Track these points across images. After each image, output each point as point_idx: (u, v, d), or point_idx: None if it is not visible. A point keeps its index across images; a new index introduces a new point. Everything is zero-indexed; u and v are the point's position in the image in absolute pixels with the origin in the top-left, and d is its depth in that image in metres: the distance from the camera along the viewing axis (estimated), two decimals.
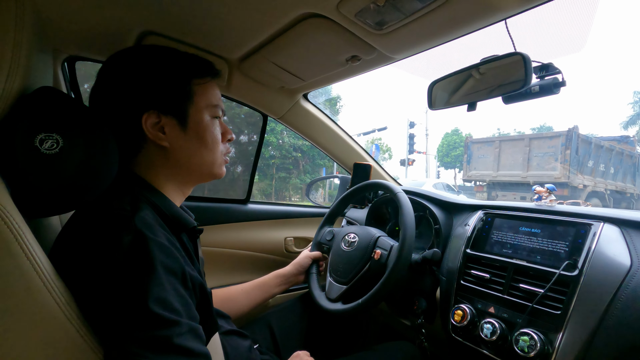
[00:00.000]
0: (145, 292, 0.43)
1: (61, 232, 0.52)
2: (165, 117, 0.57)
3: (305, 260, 1.09)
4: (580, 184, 8.23)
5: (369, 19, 0.68)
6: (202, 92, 0.61)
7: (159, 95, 0.56)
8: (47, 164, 0.45)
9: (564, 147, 7.99)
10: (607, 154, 9.13)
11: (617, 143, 9.89)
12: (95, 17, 0.75)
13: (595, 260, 0.71)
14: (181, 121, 0.58)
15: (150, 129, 0.56)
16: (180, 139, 0.59)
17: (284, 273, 1.07)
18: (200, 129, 0.60)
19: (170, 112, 0.57)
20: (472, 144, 9.82)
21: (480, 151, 9.64)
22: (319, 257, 1.10)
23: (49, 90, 0.50)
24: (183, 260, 0.51)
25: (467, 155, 9.87)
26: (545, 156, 8.40)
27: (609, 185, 9.26)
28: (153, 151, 0.58)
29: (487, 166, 9.36)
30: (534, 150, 8.56)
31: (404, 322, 1.12)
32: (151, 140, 0.57)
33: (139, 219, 0.48)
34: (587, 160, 8.51)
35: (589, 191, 8.54)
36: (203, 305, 0.54)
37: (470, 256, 0.91)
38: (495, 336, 0.76)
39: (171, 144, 0.58)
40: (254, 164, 1.48)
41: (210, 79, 0.63)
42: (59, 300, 0.42)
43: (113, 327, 0.43)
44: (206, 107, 0.61)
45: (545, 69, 0.70)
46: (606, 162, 9.12)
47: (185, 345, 0.44)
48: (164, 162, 0.59)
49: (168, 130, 0.57)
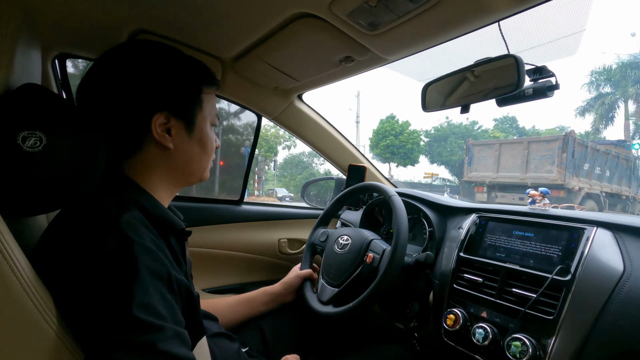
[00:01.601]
0: (128, 297, 0.42)
1: (44, 233, 0.51)
2: (175, 120, 0.57)
3: (295, 280, 1.06)
4: (576, 187, 8.47)
5: (362, 19, 0.68)
6: (207, 100, 0.62)
7: (173, 98, 0.57)
8: (30, 162, 0.43)
9: (561, 150, 8.29)
10: (603, 157, 9.38)
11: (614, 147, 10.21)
12: (86, 14, 0.74)
13: (588, 264, 0.71)
14: (189, 126, 0.59)
15: (158, 130, 0.56)
16: (185, 142, 0.59)
17: (272, 292, 1.04)
18: (203, 135, 0.62)
19: (181, 115, 0.58)
20: (473, 146, 10.13)
21: (480, 153, 9.96)
22: (310, 275, 1.08)
23: (34, 87, 0.49)
24: (169, 263, 0.50)
25: (468, 157, 10.18)
26: (543, 159, 8.70)
27: (605, 187, 9.49)
28: (153, 151, 0.57)
29: (488, 168, 9.68)
30: (532, 153, 8.86)
31: (397, 326, 1.11)
32: (154, 140, 0.56)
33: (124, 220, 0.47)
34: (583, 164, 8.77)
35: (584, 193, 8.76)
36: (189, 309, 0.53)
37: (463, 259, 0.91)
38: (488, 341, 0.75)
39: (175, 147, 0.58)
40: (248, 164, 1.47)
41: (216, 89, 0.65)
42: (38, 304, 0.40)
43: (95, 331, 0.42)
44: (209, 115, 0.63)
45: (538, 71, 0.70)
46: (602, 166, 9.37)
47: (170, 350, 0.43)
48: (163, 163, 0.59)
49: (174, 132, 0.58)
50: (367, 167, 1.41)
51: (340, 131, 1.44)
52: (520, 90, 0.69)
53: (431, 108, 0.90)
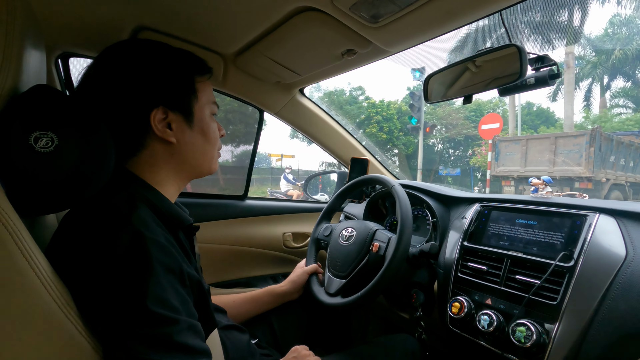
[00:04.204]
0: (143, 292, 0.43)
1: (57, 230, 0.52)
2: (173, 113, 0.58)
3: (302, 276, 1.06)
4: (603, 178, 8.89)
5: (364, 11, 0.68)
6: (202, 89, 0.62)
7: (166, 92, 0.57)
8: (42, 162, 0.44)
9: (588, 145, 8.67)
10: (627, 149, 9.80)
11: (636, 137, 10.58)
12: (88, 12, 0.74)
13: (590, 250, 0.72)
14: (187, 117, 0.60)
15: (158, 125, 0.56)
16: (187, 135, 0.60)
17: (278, 292, 1.03)
18: (204, 125, 0.62)
19: (178, 108, 0.58)
20: (499, 142, 10.52)
21: (507, 149, 10.33)
22: (316, 270, 1.08)
23: (44, 88, 0.49)
24: (180, 258, 0.51)
25: (495, 152, 10.57)
26: (571, 153, 9.10)
27: (629, 177, 9.90)
28: (157, 148, 0.58)
29: (515, 163, 10.05)
30: (559, 148, 9.26)
31: (403, 316, 1.13)
32: (157, 137, 0.57)
33: (136, 217, 0.48)
34: (609, 156, 9.17)
35: (611, 184, 9.16)
36: (201, 302, 0.54)
37: (467, 249, 0.92)
38: (493, 327, 0.77)
39: (178, 140, 0.59)
40: (251, 159, 1.47)
41: (209, 76, 0.65)
42: (58, 299, 0.41)
43: (113, 326, 0.43)
44: (207, 103, 0.63)
45: (540, 60, 0.70)
46: (626, 157, 9.79)
47: (186, 342, 0.44)
48: (168, 159, 0.59)
49: (175, 126, 0.58)
50: (369, 160, 1.41)
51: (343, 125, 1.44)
52: (522, 79, 0.69)
53: (434, 99, 0.90)
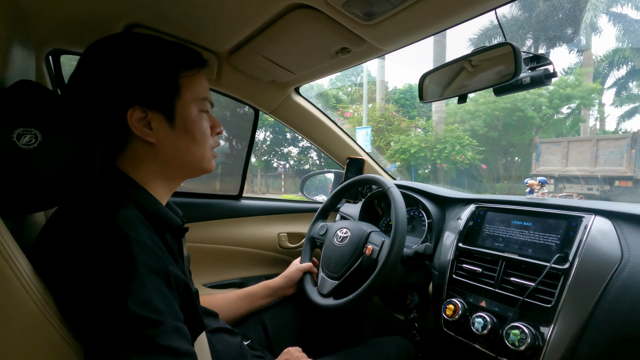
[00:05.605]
0: (125, 293, 0.42)
1: (42, 230, 0.51)
2: (152, 113, 0.55)
3: (296, 273, 1.06)
4: None
5: (358, 9, 0.67)
6: (189, 84, 0.58)
7: (144, 90, 0.54)
8: (26, 160, 0.43)
9: (630, 147, 9.22)
10: None
11: None
12: (79, 9, 0.73)
13: (586, 253, 0.71)
14: (168, 116, 0.56)
15: (136, 125, 0.54)
16: (168, 134, 0.56)
17: (272, 285, 1.04)
18: (188, 123, 0.58)
19: (157, 107, 0.55)
20: (540, 144, 10.91)
21: (548, 150, 10.80)
22: (310, 268, 1.08)
23: (28, 83, 0.48)
24: (167, 259, 0.49)
25: (536, 153, 11.03)
26: (612, 154, 9.60)
27: None
28: (140, 147, 0.56)
29: (555, 163, 10.51)
30: (601, 149, 9.74)
31: (398, 317, 1.12)
32: (137, 137, 0.54)
33: (121, 217, 0.47)
34: None
35: None
36: (188, 304, 0.53)
37: (462, 250, 0.91)
38: (487, 330, 0.76)
39: (159, 140, 0.56)
40: (246, 159, 1.46)
41: (198, 70, 0.60)
42: (39, 302, 0.41)
43: (95, 328, 0.42)
44: (194, 100, 0.59)
45: (536, 59, 0.70)
46: None
47: (170, 344, 0.43)
48: (152, 159, 0.57)
49: (155, 125, 0.55)
50: (365, 160, 1.41)
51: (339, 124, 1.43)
52: (517, 79, 0.68)
53: (429, 98, 0.89)
